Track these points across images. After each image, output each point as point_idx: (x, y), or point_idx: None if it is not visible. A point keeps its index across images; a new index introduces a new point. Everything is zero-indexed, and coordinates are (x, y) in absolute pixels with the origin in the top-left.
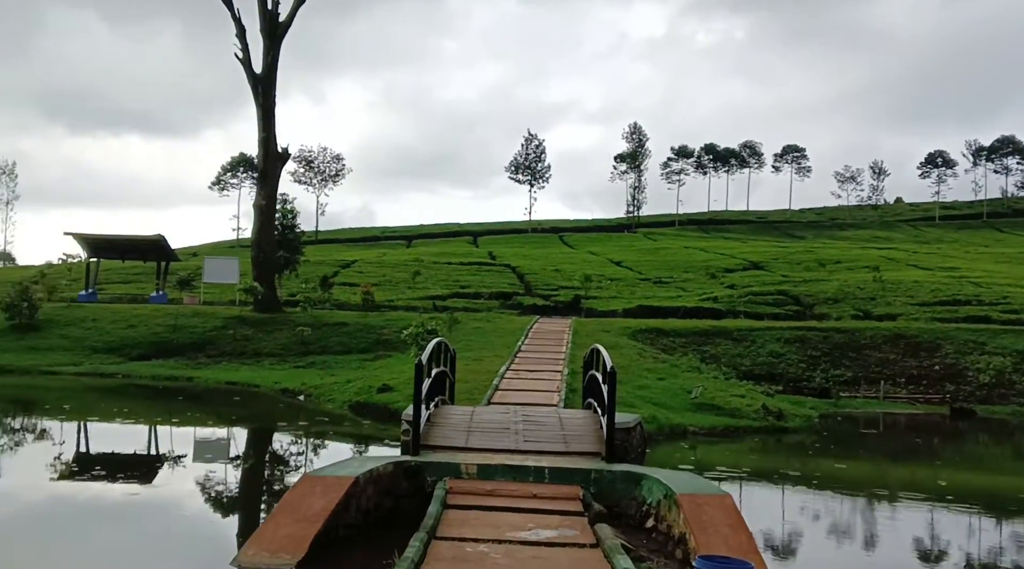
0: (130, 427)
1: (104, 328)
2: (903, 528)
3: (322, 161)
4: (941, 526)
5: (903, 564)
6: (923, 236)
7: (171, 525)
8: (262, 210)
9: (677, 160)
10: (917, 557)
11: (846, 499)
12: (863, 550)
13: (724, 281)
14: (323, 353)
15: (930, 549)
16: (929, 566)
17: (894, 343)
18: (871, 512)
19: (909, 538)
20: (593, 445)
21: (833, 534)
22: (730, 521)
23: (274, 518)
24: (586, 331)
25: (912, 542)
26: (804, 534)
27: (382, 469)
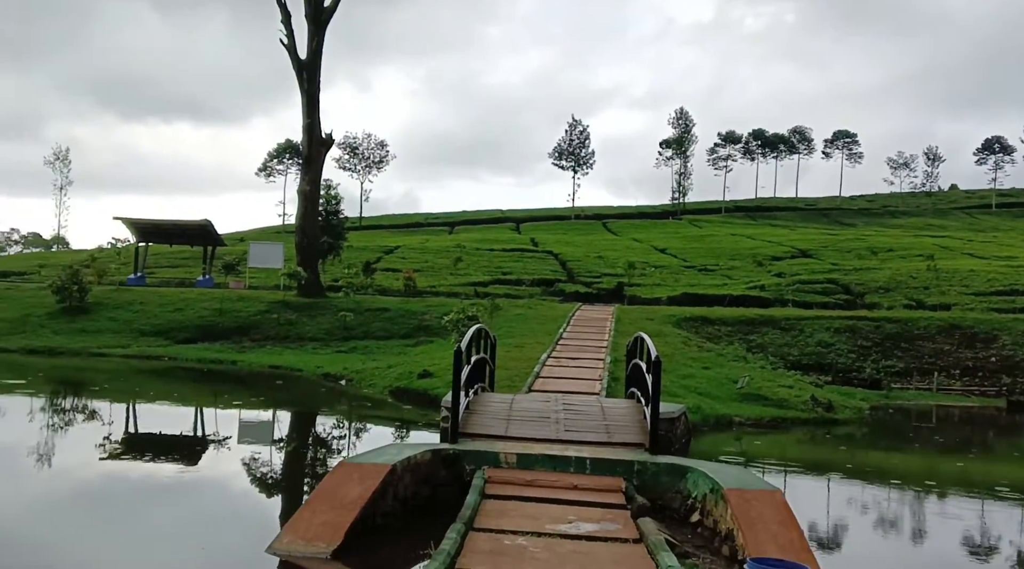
0: (176, 409)
1: (151, 311)
2: (956, 524)
3: (366, 147)
4: (994, 521)
5: (953, 560)
6: (978, 224)
7: (212, 508)
8: (306, 196)
9: (724, 146)
10: (968, 552)
11: (897, 493)
12: (912, 545)
13: (771, 269)
14: (365, 338)
15: (983, 544)
16: (980, 562)
17: (949, 334)
18: (922, 506)
19: (962, 534)
20: (636, 436)
21: (882, 529)
22: (780, 518)
23: (310, 505)
24: (629, 319)
25: (965, 538)
26: (852, 529)
27: (420, 457)
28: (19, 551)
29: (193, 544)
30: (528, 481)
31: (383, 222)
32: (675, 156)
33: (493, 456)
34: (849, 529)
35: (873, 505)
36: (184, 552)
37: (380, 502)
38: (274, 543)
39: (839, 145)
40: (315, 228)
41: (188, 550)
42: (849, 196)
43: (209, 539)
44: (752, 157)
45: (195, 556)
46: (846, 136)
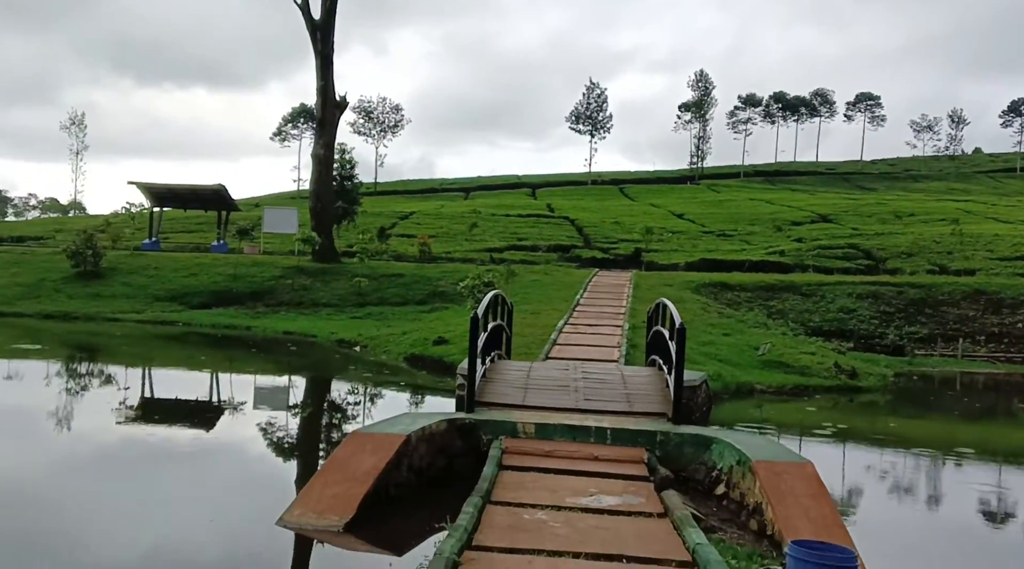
0: (190, 374)
1: (166, 276)
2: (986, 491)
3: (381, 112)
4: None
5: (974, 525)
6: (1003, 188)
7: (225, 476)
8: (320, 160)
9: (744, 109)
10: (999, 524)
11: (930, 461)
12: (943, 517)
13: (791, 234)
14: (380, 304)
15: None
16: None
17: (974, 299)
18: (949, 474)
19: (992, 506)
20: (658, 405)
21: (914, 499)
22: (811, 491)
23: (321, 477)
24: (647, 285)
25: (993, 509)
26: (879, 499)
27: (435, 427)
28: (26, 514)
29: (203, 514)
30: (547, 452)
31: (398, 188)
32: (694, 119)
33: (511, 426)
34: (876, 499)
35: (904, 475)
36: (193, 523)
37: (394, 473)
38: (284, 515)
39: (861, 108)
40: (329, 193)
41: (197, 521)
42: (870, 160)
43: (220, 509)
44: (772, 120)
45: (204, 527)
46: (869, 98)
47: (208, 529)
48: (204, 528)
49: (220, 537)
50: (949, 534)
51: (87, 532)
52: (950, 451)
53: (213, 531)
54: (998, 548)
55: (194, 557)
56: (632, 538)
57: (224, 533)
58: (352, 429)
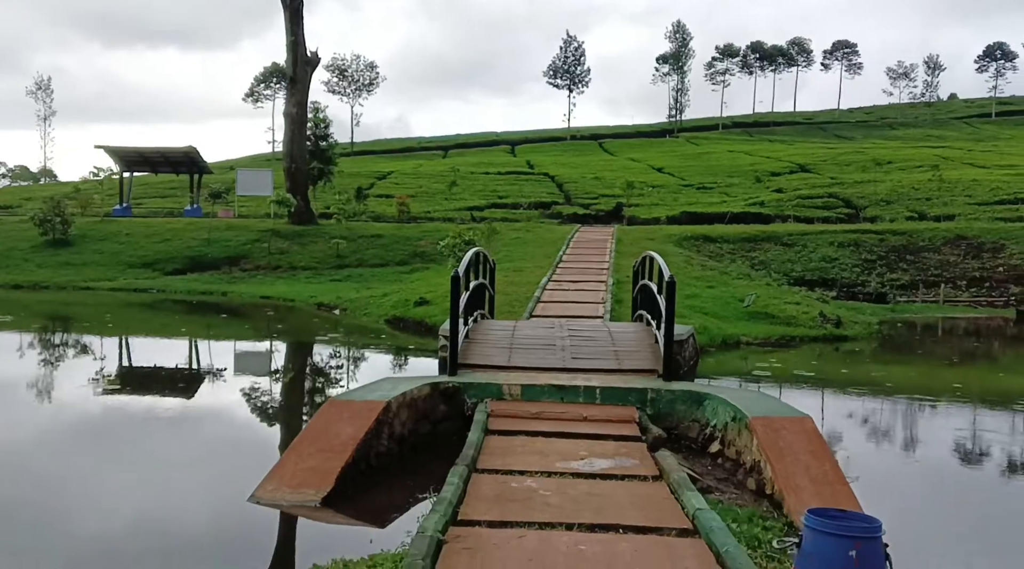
0: (165, 342)
1: (138, 243)
2: (989, 439)
3: (355, 70)
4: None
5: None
6: (978, 134)
7: (197, 448)
8: (293, 118)
9: (722, 59)
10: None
11: (927, 409)
12: (936, 460)
13: (770, 185)
14: (359, 266)
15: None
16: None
17: (954, 245)
18: (945, 419)
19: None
20: (648, 362)
21: (910, 447)
22: (811, 447)
23: (296, 448)
24: (630, 239)
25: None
26: (873, 448)
27: (417, 391)
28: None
29: (171, 491)
30: (534, 414)
31: (375, 147)
32: (672, 72)
33: (496, 388)
34: (873, 449)
35: (898, 423)
36: (159, 500)
37: (374, 442)
38: (257, 491)
39: (838, 56)
40: (303, 152)
41: (164, 498)
42: (847, 109)
43: (190, 484)
44: (750, 71)
45: (171, 505)
46: (846, 47)
47: (175, 507)
48: (171, 506)
49: (188, 516)
50: (956, 484)
51: (42, 507)
52: (945, 396)
53: (180, 509)
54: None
55: (155, 540)
56: (628, 505)
57: (192, 511)
58: (332, 395)
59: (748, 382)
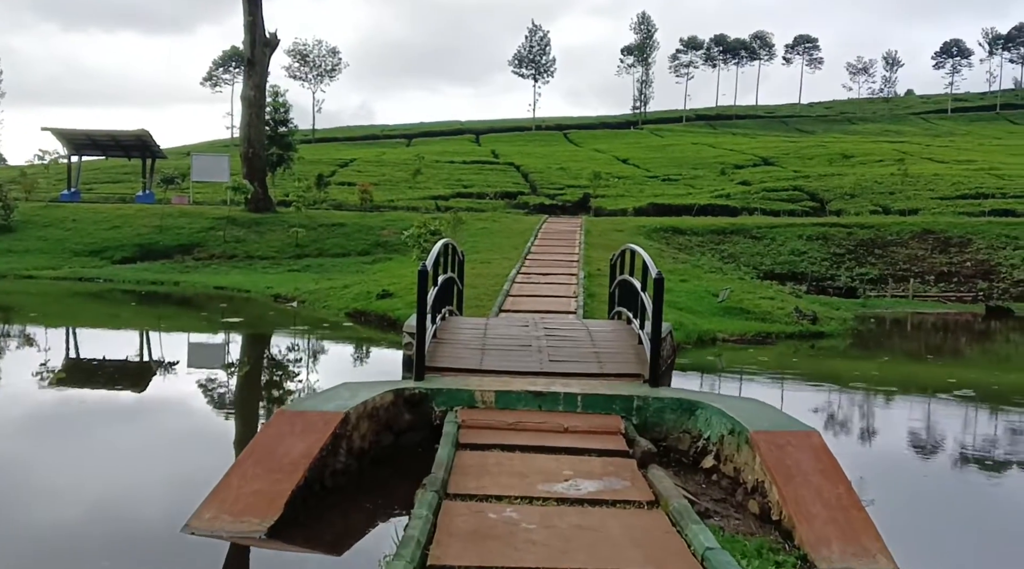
0: (100, 335)
1: (85, 229)
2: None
3: (317, 55)
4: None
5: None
6: (935, 129)
7: (130, 464)
8: (251, 102)
9: (686, 52)
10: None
11: (916, 406)
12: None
13: (734, 178)
14: (319, 255)
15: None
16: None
17: (922, 239)
18: (946, 419)
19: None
20: (632, 365)
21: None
22: (822, 466)
23: (239, 469)
24: (598, 231)
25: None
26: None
27: (379, 400)
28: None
29: (87, 516)
30: (510, 424)
31: (337, 135)
32: (636, 63)
33: (467, 394)
34: (879, 459)
35: (904, 426)
36: (73, 526)
37: (330, 459)
38: (192, 520)
39: (800, 50)
40: (261, 137)
41: (78, 525)
42: (808, 103)
43: (112, 509)
44: (713, 64)
45: (85, 532)
46: (807, 41)
47: (89, 537)
48: (84, 536)
49: (104, 551)
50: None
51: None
52: (945, 395)
53: (96, 541)
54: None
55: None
56: (625, 541)
57: (111, 546)
58: (284, 402)
59: (729, 379)
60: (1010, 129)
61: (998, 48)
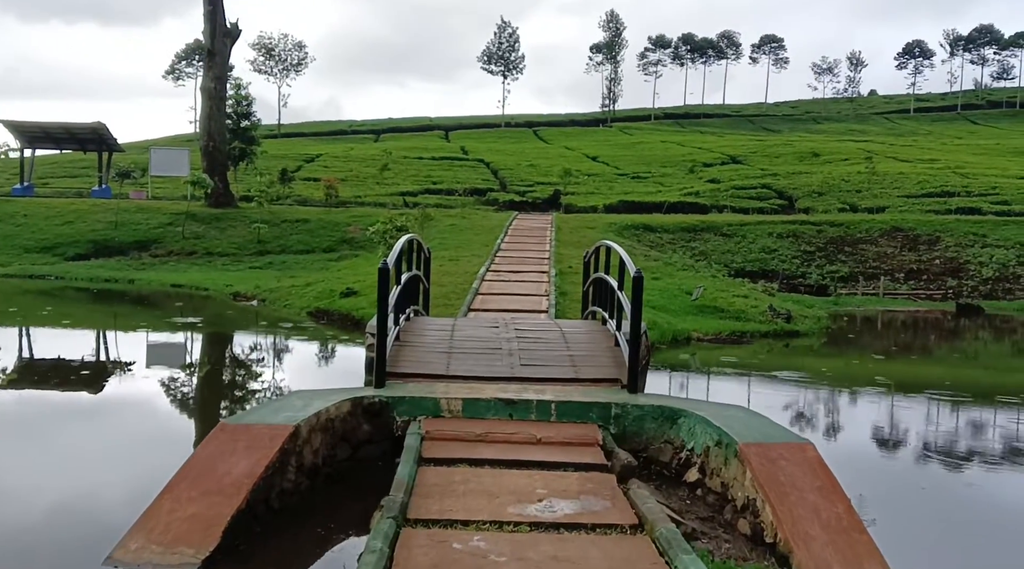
0: (46, 334)
1: (37, 225)
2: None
3: (283, 49)
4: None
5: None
6: (897, 129)
7: (44, 478)
8: (211, 94)
9: (654, 50)
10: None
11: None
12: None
13: (703, 176)
14: (282, 252)
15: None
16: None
17: (891, 236)
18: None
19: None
20: (608, 369)
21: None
22: (819, 482)
23: (171, 492)
24: (569, 227)
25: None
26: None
27: (334, 410)
28: None
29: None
30: (479, 435)
31: (304, 130)
32: (605, 61)
33: (431, 403)
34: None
35: (900, 428)
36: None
37: (277, 478)
38: (115, 551)
39: (766, 50)
40: (223, 130)
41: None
42: (774, 102)
43: (22, 537)
44: (681, 62)
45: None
46: (773, 41)
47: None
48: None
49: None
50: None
51: None
52: (935, 393)
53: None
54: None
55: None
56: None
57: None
58: (229, 413)
59: (705, 380)
60: (971, 129)
61: (959, 49)
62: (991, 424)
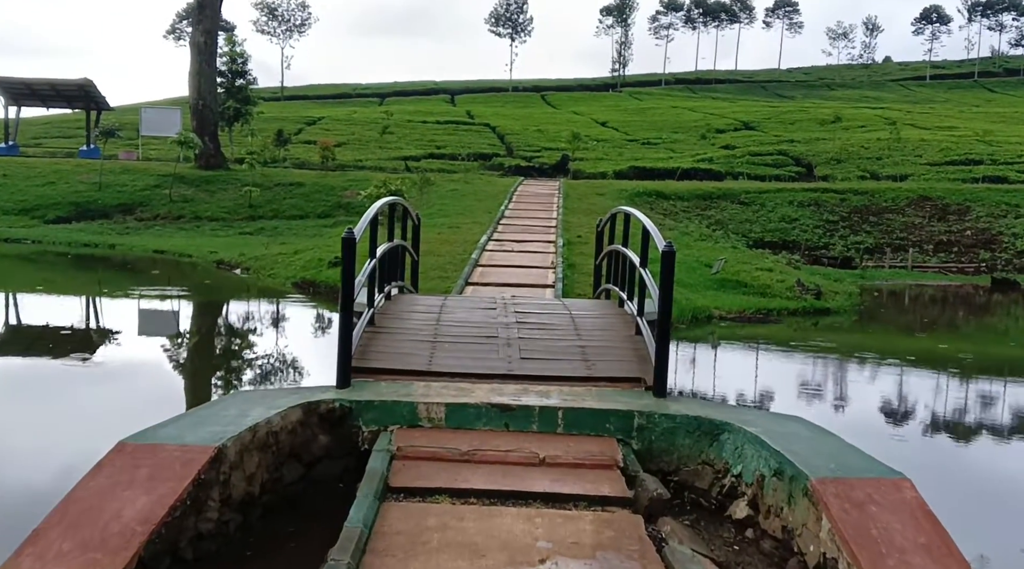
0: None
1: (16, 185)
2: None
3: (286, 9)
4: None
5: None
6: (913, 96)
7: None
8: (201, 49)
9: (666, 13)
10: None
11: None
12: None
13: (715, 142)
14: (274, 217)
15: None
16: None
17: (918, 206)
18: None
19: None
20: (628, 365)
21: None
22: (924, 538)
23: (35, 544)
24: (577, 194)
25: None
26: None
27: (279, 420)
28: None
29: None
30: (465, 454)
31: (307, 93)
32: (616, 24)
33: (407, 408)
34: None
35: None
36: None
37: (191, 519)
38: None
39: (780, 14)
40: (213, 88)
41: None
42: (786, 69)
43: None
44: (693, 26)
45: None
46: (787, 5)
47: None
48: None
49: None
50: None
51: None
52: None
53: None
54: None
55: None
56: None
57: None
58: (169, 410)
59: (736, 369)
60: (988, 97)
61: (976, 15)
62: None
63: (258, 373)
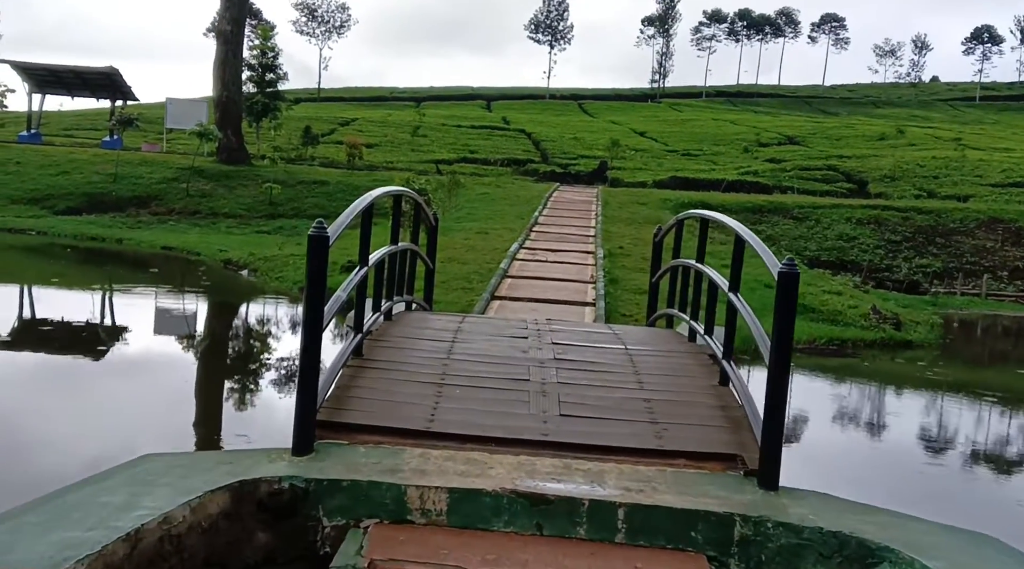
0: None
1: (28, 174)
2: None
3: (326, 10)
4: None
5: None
6: (963, 117)
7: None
8: (226, 38)
9: (709, 25)
10: None
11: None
12: None
13: (758, 155)
14: (295, 216)
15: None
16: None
17: (989, 228)
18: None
19: None
20: (716, 432)
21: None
22: None
23: None
24: (617, 203)
25: None
26: None
27: (189, 515)
28: None
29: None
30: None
31: (343, 95)
32: (657, 35)
33: (392, 494)
34: None
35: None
36: None
37: None
38: None
39: (826, 29)
40: (238, 80)
41: None
42: (830, 85)
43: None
44: (737, 39)
45: None
46: (834, 20)
47: None
48: None
49: None
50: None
51: None
52: None
53: None
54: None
55: None
56: None
57: None
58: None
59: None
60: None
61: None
62: None
63: (203, 416)
